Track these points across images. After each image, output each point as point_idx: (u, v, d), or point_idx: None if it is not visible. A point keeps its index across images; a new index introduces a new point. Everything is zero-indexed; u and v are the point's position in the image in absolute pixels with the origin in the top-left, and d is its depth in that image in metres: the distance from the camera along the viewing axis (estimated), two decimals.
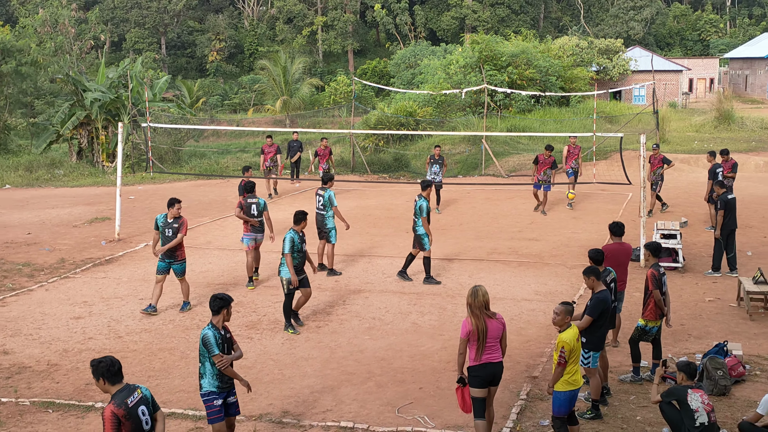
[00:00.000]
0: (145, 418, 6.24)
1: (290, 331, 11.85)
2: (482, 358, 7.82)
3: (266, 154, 22.79)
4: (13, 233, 19.00)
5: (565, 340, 7.79)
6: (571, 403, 7.96)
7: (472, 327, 7.80)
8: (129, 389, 6.27)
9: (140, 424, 6.19)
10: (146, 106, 29.34)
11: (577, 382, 7.92)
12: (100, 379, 6.26)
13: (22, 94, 35.24)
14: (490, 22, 75.78)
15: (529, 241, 17.45)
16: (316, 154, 23.89)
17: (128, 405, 6.16)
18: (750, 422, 8.46)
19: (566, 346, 7.77)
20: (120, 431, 6.10)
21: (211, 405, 7.65)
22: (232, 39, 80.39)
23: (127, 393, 6.24)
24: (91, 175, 29.51)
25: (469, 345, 7.85)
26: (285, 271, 11.80)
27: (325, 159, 23.17)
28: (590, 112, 32.89)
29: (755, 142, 33.37)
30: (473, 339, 7.80)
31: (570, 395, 7.91)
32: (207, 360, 7.59)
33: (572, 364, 7.87)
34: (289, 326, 11.91)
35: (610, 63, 56.80)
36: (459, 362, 7.96)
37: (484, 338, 7.78)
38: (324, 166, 23.19)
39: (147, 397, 6.35)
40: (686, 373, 8.46)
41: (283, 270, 11.83)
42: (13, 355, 11.05)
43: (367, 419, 8.98)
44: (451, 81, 39.52)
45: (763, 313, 12.55)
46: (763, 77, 64.15)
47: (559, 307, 7.94)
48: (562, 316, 7.89)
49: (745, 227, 18.43)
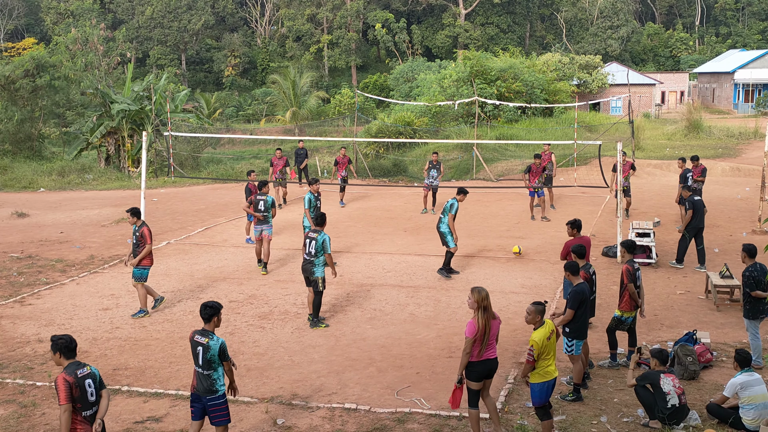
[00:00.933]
0: (90, 390, 6.55)
1: (322, 325, 11.55)
2: (482, 355, 7.66)
3: (275, 166, 21.65)
4: (47, 232, 19.00)
5: (535, 340, 7.60)
6: (548, 392, 7.76)
7: (479, 327, 7.58)
8: (79, 364, 6.61)
9: (86, 395, 6.52)
10: (168, 117, 29.34)
11: (550, 374, 7.71)
12: (57, 353, 6.62)
13: (56, 106, 35.21)
14: (481, 40, 75.83)
15: (516, 239, 17.44)
16: (336, 162, 22.98)
17: (77, 375, 6.50)
18: (717, 404, 8.47)
19: (535, 345, 7.58)
20: (71, 397, 6.43)
21: (226, 407, 7.41)
22: (246, 56, 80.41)
23: (78, 366, 6.58)
24: (118, 179, 29.49)
25: (473, 343, 7.63)
26: (320, 271, 11.48)
27: (344, 167, 22.43)
28: (571, 122, 32.88)
29: (722, 149, 33.35)
30: (478, 338, 7.60)
31: (544, 386, 7.72)
32: (219, 366, 7.29)
33: (543, 360, 7.68)
34: (320, 321, 11.65)
35: (589, 77, 56.76)
36: (463, 362, 7.64)
37: (487, 337, 7.64)
38: (343, 173, 22.36)
39: (95, 374, 6.64)
40: (659, 359, 8.47)
41: (319, 270, 11.47)
42: (47, 343, 11.02)
43: (369, 401, 8.97)
44: (445, 93, 39.50)
45: (729, 305, 12.55)
46: (729, 90, 64.12)
47: (530, 307, 7.75)
48: (533, 315, 7.71)
49: (712, 226, 18.42)
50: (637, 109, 49.93)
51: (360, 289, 13.57)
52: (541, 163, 19.46)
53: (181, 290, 13.63)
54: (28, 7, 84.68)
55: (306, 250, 11.60)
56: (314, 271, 11.51)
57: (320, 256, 11.48)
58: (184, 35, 78.20)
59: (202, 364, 7.26)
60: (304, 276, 11.72)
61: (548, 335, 7.72)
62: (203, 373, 7.28)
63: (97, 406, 6.62)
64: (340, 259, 15.62)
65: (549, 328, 7.77)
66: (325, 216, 12.01)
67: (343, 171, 22.52)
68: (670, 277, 14.29)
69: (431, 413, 8.61)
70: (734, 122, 43.63)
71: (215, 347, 7.26)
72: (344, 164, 22.54)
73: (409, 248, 16.62)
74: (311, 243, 11.52)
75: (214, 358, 7.25)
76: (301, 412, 8.72)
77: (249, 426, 8.39)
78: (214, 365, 7.27)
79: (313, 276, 11.52)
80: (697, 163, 18.58)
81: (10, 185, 27.70)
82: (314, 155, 33.13)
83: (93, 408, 6.59)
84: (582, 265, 9.59)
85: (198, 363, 7.27)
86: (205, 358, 7.24)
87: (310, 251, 11.55)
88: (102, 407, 6.66)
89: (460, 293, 13.18)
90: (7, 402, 9.08)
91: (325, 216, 12.01)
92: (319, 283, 11.50)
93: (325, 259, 11.51)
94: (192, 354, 7.35)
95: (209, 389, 7.29)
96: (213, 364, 7.26)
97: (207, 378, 7.28)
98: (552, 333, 7.78)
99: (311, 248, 11.51)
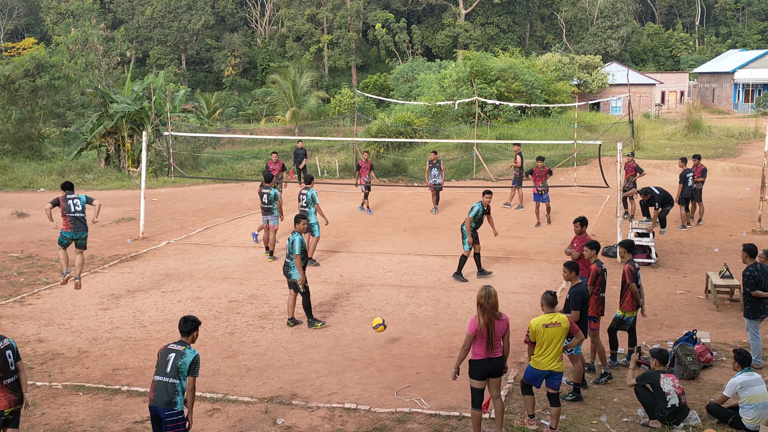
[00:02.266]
0: (10, 360, 7.16)
1: (318, 324, 11.48)
2: (486, 354, 7.66)
3: (272, 171, 21.73)
4: (47, 232, 18.99)
5: (530, 323, 8.04)
6: (533, 376, 8.08)
7: (480, 325, 7.61)
8: (1, 337, 7.22)
9: (8, 364, 7.12)
10: (168, 117, 29.35)
11: (540, 365, 7.98)
12: None
13: (56, 106, 35.19)
14: (481, 40, 75.82)
15: (516, 239, 17.44)
16: (358, 167, 21.71)
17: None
18: (717, 403, 8.47)
19: (530, 327, 8.02)
20: None
21: (183, 425, 7.10)
22: (246, 55, 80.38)
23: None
24: (118, 179, 29.50)
25: (475, 341, 7.67)
26: (296, 273, 11.39)
27: (367, 171, 21.25)
28: (571, 122, 32.88)
29: (721, 149, 33.36)
30: (480, 336, 7.61)
31: (531, 371, 8.08)
32: (184, 380, 7.09)
33: (539, 348, 7.98)
34: (315, 321, 11.57)
35: (589, 77, 56.77)
36: (461, 356, 7.75)
37: (491, 337, 7.63)
38: (366, 179, 21.18)
39: (13, 346, 7.24)
40: (659, 359, 8.47)
41: (295, 272, 11.38)
42: (47, 343, 11.05)
43: (369, 401, 8.97)
44: (445, 93, 39.51)
45: (729, 305, 12.55)
46: (729, 90, 64.13)
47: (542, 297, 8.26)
48: (541, 303, 8.23)
49: (712, 226, 18.43)
50: (637, 109, 49.94)
51: (360, 289, 13.57)
52: (544, 166, 19.20)
53: (181, 290, 13.62)
54: (28, 7, 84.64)
55: (300, 203, 11.87)
56: (291, 273, 11.47)
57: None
58: (184, 35, 78.16)
59: (170, 371, 7.05)
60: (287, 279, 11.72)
61: (547, 323, 7.95)
62: (168, 381, 7.04)
63: (16, 375, 7.20)
64: (340, 259, 15.64)
65: (552, 319, 7.95)
66: (311, 175, 12.91)
67: (366, 176, 21.22)
68: (670, 277, 14.30)
69: (431, 413, 8.61)
70: (734, 122, 43.63)
71: (190, 356, 7.14)
72: (367, 169, 21.34)
73: (409, 248, 16.62)
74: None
75: (185, 367, 7.08)
76: (301, 412, 8.72)
77: (249, 426, 8.39)
78: (182, 376, 7.07)
79: (291, 278, 11.50)
80: (698, 162, 18.61)
81: (10, 185, 27.71)
82: (314, 155, 33.14)
83: (13, 377, 7.17)
84: (595, 259, 9.73)
85: (165, 371, 7.07)
86: (175, 365, 7.06)
87: (287, 252, 11.59)
88: (23, 380, 7.27)
89: (460, 293, 13.18)
90: None
91: (311, 175, 12.91)
92: (299, 286, 11.44)
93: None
94: (158, 364, 7.16)
95: (169, 401, 7.02)
96: (181, 374, 7.06)
97: (170, 387, 7.02)
98: (553, 324, 7.95)
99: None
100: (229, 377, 9.73)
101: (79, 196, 12.55)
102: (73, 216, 12.33)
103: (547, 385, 8.14)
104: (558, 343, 7.98)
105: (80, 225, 12.44)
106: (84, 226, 12.51)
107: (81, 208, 12.45)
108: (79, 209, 12.42)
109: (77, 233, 12.42)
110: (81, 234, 12.49)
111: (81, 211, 12.45)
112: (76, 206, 12.39)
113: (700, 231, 18.02)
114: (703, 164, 18.77)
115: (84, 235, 12.55)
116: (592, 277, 9.52)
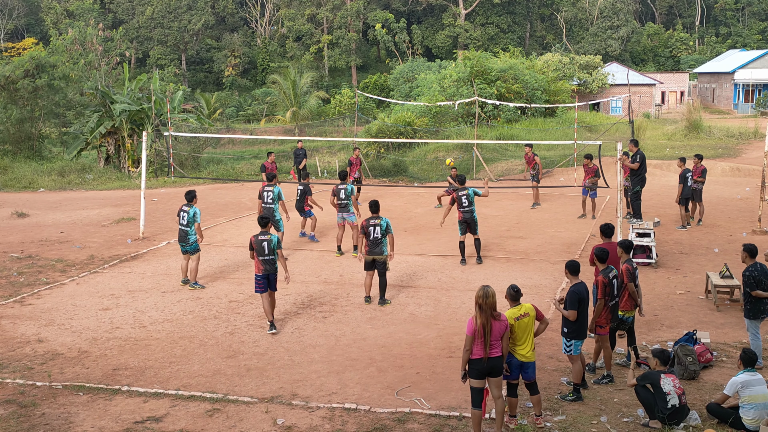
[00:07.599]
0: None
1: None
2: (484, 353, 7.64)
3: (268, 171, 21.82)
4: (48, 232, 19.00)
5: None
6: (514, 367, 8.10)
7: (477, 325, 7.60)
8: None
9: None
10: (168, 117, 29.35)
11: (513, 353, 8.05)
12: None
13: (55, 106, 35.19)
14: (481, 40, 75.86)
15: (516, 239, 17.44)
16: (350, 163, 22.15)
17: None
18: (717, 403, 8.47)
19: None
20: None
21: None
22: (246, 56, 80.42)
23: None
24: (118, 179, 29.50)
25: (474, 341, 7.65)
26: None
27: (357, 167, 22.02)
28: (572, 122, 32.90)
29: (721, 149, 33.35)
30: (478, 336, 7.60)
31: (511, 360, 8.10)
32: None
33: (517, 341, 8.03)
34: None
35: (589, 77, 56.79)
36: (464, 359, 7.69)
37: (488, 337, 7.62)
38: (356, 175, 21.81)
39: None
40: (659, 359, 8.47)
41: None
42: (47, 343, 11.05)
43: (369, 401, 8.97)
44: (445, 94, 39.52)
45: (729, 305, 12.55)
46: (729, 90, 64.14)
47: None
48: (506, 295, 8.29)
49: (712, 226, 18.44)
50: (637, 109, 49.97)
51: (360, 289, 13.56)
52: (593, 164, 19.42)
53: (181, 290, 13.62)
54: (28, 7, 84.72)
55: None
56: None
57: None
58: (184, 35, 78.22)
59: (267, 252, 10.86)
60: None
61: (517, 316, 8.04)
62: (267, 258, 11.02)
63: None
64: (340, 258, 15.64)
65: (521, 311, 8.07)
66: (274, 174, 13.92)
67: (356, 172, 21.88)
68: (670, 277, 14.29)
69: (431, 413, 8.61)
70: (734, 122, 43.63)
71: (274, 240, 10.90)
72: (357, 165, 22.06)
73: (409, 248, 16.62)
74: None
75: (273, 245, 10.88)
76: (301, 412, 8.72)
77: (249, 426, 8.39)
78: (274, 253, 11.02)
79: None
80: (698, 162, 18.61)
81: (10, 185, 27.71)
82: (314, 155, 33.14)
83: None
84: (602, 269, 9.44)
85: (264, 253, 11.05)
86: (270, 247, 10.72)
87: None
88: None
89: (460, 293, 13.19)
90: (7, 402, 9.08)
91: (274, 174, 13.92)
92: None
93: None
94: (257, 250, 11.12)
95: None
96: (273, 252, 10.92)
97: (270, 262, 11.03)
98: (523, 316, 8.05)
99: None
100: (229, 377, 9.73)
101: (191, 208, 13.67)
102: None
103: (524, 377, 8.20)
104: (531, 332, 8.13)
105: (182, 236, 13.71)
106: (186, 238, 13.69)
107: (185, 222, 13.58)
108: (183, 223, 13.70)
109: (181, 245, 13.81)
110: (184, 246, 13.69)
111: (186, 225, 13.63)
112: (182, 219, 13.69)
113: (700, 231, 18.03)
114: (702, 165, 18.78)
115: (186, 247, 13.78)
116: (601, 290, 9.31)
